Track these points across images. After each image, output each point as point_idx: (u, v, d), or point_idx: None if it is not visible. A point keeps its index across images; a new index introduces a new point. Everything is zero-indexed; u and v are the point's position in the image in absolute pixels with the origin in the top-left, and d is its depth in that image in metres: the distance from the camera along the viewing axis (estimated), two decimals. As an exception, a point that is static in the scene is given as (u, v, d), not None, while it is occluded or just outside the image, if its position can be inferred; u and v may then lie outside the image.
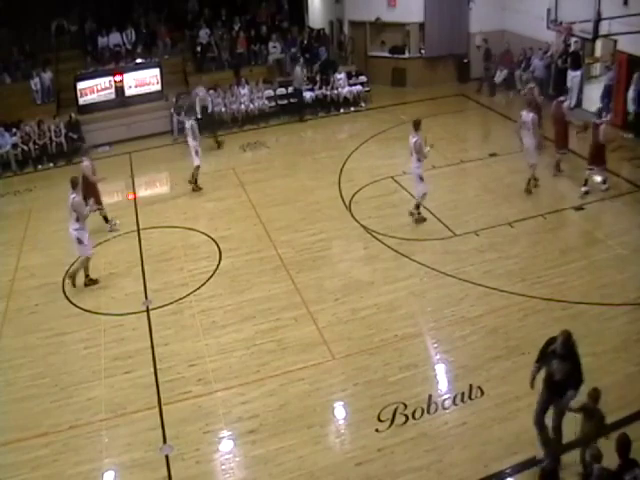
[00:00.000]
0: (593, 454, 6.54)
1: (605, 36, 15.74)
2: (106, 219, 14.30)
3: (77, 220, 12.00)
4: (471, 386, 9.30)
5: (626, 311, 10.80)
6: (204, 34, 21.92)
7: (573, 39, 18.67)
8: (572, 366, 7.60)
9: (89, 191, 13.56)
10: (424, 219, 13.87)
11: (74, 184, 12.12)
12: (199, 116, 18.27)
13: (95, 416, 9.20)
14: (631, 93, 17.15)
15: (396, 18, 22.49)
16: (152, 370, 10.04)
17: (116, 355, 10.43)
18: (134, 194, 15.97)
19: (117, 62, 20.85)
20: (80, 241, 12.09)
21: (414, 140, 13.28)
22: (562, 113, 15.08)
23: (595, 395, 7.24)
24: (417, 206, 13.85)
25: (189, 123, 15.83)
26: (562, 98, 15.48)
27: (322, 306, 11.26)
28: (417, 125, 13.37)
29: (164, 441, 8.73)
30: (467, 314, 10.86)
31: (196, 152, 15.70)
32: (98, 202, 13.92)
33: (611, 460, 6.51)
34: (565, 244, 12.84)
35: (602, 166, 14.51)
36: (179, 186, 16.42)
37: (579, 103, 19.17)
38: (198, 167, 15.87)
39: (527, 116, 14.40)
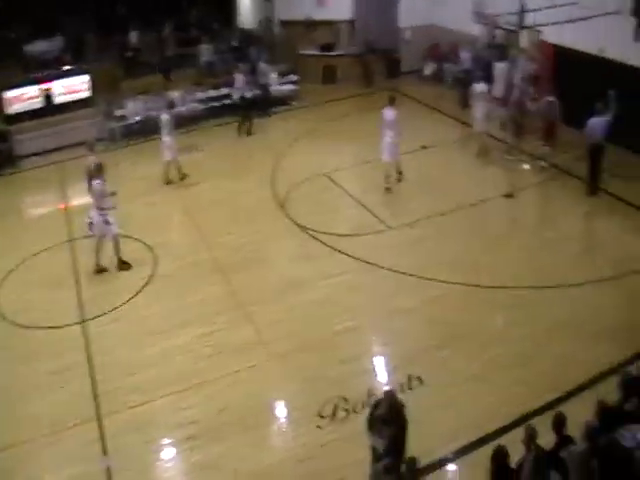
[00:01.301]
0: (529, 433, 6.65)
1: (530, 27, 15.99)
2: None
3: (100, 207, 12.21)
4: (410, 376, 9.40)
5: (559, 293, 11.12)
6: (134, 38, 21.62)
7: (499, 31, 19.02)
8: (398, 432, 7.16)
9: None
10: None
11: (99, 169, 12.37)
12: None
13: (33, 433, 8.97)
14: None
15: (326, 16, 22.58)
16: (90, 382, 9.84)
17: (53, 369, 10.17)
18: (66, 204, 15.61)
19: (45, 70, 20.39)
20: (107, 222, 12.29)
21: (391, 112, 14.60)
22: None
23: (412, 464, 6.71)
24: (388, 176, 14.91)
25: (165, 117, 15.51)
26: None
27: (259, 306, 11.22)
28: (392, 100, 14.86)
29: (104, 453, 8.58)
30: (404, 305, 10.98)
31: (169, 147, 15.53)
32: None
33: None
34: (498, 231, 13.15)
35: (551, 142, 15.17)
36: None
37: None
38: (176, 161, 15.80)
39: (478, 87, 16.21)
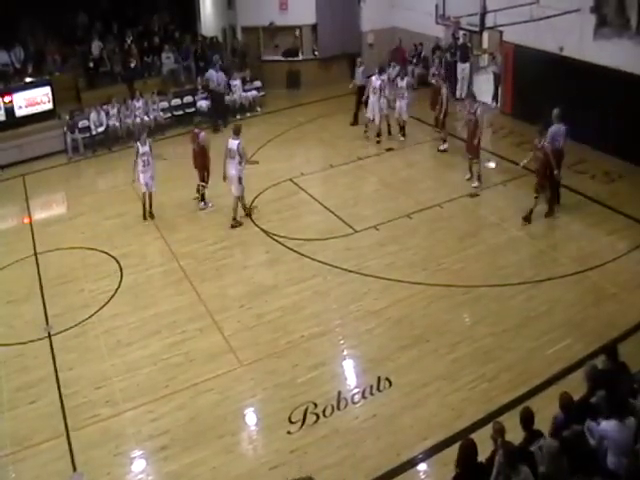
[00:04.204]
0: (497, 429, 6.68)
1: (491, 28, 16.17)
2: (203, 197, 14.81)
3: (240, 163, 13.54)
4: (379, 378, 9.45)
5: (523, 289, 11.29)
6: (96, 48, 21.41)
7: (461, 32, 19.23)
8: None
9: (204, 162, 14.50)
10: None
11: (238, 130, 13.63)
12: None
13: (0, 451, 8.81)
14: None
15: (288, 21, 22.64)
16: (57, 397, 9.68)
17: (18, 386, 10.00)
18: (29, 217, 15.41)
19: (6, 82, 20.13)
20: (240, 180, 13.63)
21: (377, 81, 16.92)
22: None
23: None
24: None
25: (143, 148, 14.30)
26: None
27: (227, 314, 11.16)
28: (382, 70, 17.63)
29: (74, 469, 8.45)
30: (371, 308, 11.02)
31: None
32: (208, 175, 14.58)
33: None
34: (462, 231, 13.23)
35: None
36: (76, 206, 15.94)
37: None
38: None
39: (399, 82, 17.55)
